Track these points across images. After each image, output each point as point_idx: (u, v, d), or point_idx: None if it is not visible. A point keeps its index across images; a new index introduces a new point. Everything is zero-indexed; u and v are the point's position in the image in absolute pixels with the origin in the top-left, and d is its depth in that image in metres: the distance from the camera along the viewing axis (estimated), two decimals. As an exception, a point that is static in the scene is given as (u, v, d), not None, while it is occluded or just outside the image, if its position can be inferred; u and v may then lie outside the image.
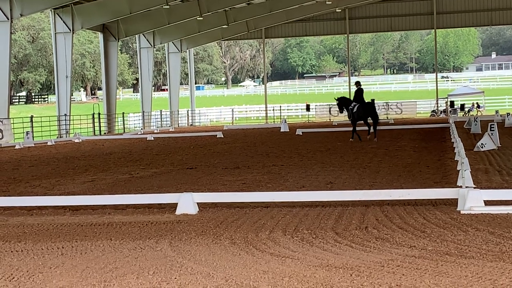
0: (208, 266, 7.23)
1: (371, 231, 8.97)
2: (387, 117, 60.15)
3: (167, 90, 71.96)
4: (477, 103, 69.29)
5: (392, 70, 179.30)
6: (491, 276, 6.46)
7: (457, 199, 10.45)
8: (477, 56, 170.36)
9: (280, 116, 65.33)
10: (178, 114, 63.99)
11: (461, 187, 11.31)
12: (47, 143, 36.04)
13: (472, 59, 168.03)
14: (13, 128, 38.55)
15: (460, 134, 26.83)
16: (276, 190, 13.08)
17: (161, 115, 61.83)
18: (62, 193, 13.96)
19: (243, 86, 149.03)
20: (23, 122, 40.29)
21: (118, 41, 53.26)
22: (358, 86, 28.60)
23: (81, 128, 48.77)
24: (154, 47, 59.24)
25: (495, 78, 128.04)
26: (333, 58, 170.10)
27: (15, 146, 33.68)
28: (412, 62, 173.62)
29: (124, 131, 51.48)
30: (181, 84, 75.27)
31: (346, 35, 67.50)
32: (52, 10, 45.16)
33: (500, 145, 22.36)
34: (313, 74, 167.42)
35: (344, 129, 29.39)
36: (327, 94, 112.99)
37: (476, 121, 32.69)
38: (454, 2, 62.57)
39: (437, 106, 66.55)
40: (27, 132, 37.39)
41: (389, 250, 7.76)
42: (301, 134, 35.51)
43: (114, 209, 11.52)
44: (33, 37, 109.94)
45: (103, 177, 17.30)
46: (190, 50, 67.65)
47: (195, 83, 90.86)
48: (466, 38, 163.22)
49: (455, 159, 17.80)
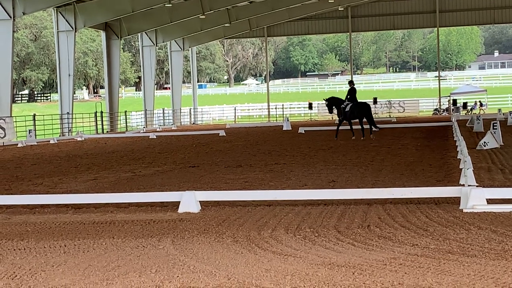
0: (210, 264, 7.23)
1: (373, 229, 8.97)
2: (390, 116, 60.15)
3: (169, 88, 71.98)
4: (479, 102, 69.23)
5: (394, 69, 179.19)
6: (494, 274, 6.45)
7: (459, 197, 10.44)
8: (479, 55, 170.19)
9: (283, 114, 65.31)
10: (181, 112, 64.00)
11: (463, 185, 11.31)
12: (49, 141, 36.06)
13: (474, 58, 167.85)
14: (16, 127, 38.59)
15: (463, 132, 26.81)
16: (278, 189, 13.08)
17: (164, 113, 61.83)
18: (64, 192, 13.96)
19: (246, 84, 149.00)
20: (25, 121, 40.33)
21: (121, 39, 53.29)
22: (351, 86, 29.21)
23: (83, 126, 48.79)
24: (156, 46, 59.27)
25: (497, 77, 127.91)
26: (335, 57, 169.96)
27: (17, 144, 33.71)
28: (415, 61, 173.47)
29: (127, 130, 51.49)
30: (184, 82, 75.41)
31: (348, 34, 67.53)
32: (55, 9, 45.18)
33: (502, 144, 22.34)
34: (316, 73, 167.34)
35: (347, 127, 29.38)
36: (329, 93, 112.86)
37: (479, 120, 32.67)
38: (456, 0, 62.54)
39: (440, 105, 66.48)
40: (29, 130, 37.43)
41: (392, 249, 7.75)
42: (304, 132, 35.50)
43: (116, 208, 11.53)
44: (35, 36, 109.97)
45: (106, 175, 17.31)
46: (192, 49, 67.67)
47: (198, 82, 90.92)
48: (468, 36, 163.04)
49: (458, 157, 17.79)
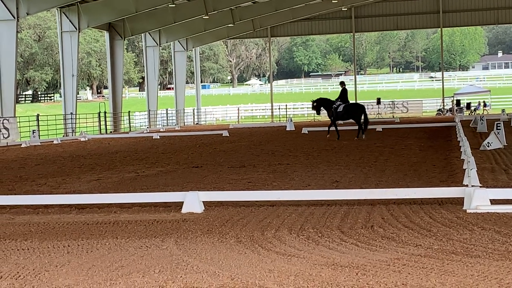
0: (214, 264, 7.23)
1: (377, 230, 8.96)
2: (393, 116, 60.12)
3: (173, 88, 72.05)
4: (483, 102, 69.15)
5: (398, 69, 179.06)
6: (497, 275, 6.45)
7: (463, 198, 10.43)
8: (483, 55, 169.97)
9: (286, 114, 65.26)
10: (184, 112, 64.02)
11: (467, 186, 11.30)
12: (53, 141, 36.09)
13: (478, 58, 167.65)
14: (19, 127, 38.63)
15: (466, 133, 26.79)
16: (282, 189, 13.08)
17: (167, 113, 61.86)
18: (68, 192, 13.98)
19: (249, 84, 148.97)
20: (29, 121, 40.37)
21: (124, 39, 53.32)
22: (343, 86, 29.61)
23: (87, 126, 48.84)
24: (160, 46, 59.28)
25: (501, 77, 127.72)
26: (339, 57, 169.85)
27: (21, 144, 33.74)
28: (418, 61, 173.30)
29: (130, 130, 51.53)
30: (187, 82, 75.31)
31: (352, 34, 67.44)
32: (59, 9, 45.22)
33: (506, 144, 22.32)
34: (319, 73, 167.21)
35: (350, 127, 29.39)
36: (333, 93, 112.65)
37: (482, 120, 32.63)
38: (460, 0, 62.49)
39: (443, 105, 66.42)
40: (33, 130, 37.46)
41: (395, 249, 7.75)
42: (307, 133, 35.49)
43: (120, 208, 11.53)
44: (39, 36, 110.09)
45: (109, 175, 17.32)
46: (196, 49, 67.67)
47: (201, 82, 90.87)
48: (472, 36, 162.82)
49: (461, 158, 17.78)
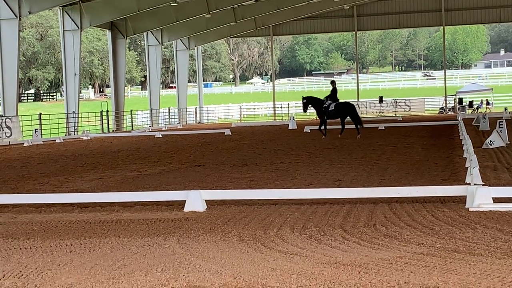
0: (216, 263, 7.23)
1: (379, 228, 8.96)
2: (396, 114, 60.11)
3: (175, 87, 71.99)
4: (485, 100, 69.10)
5: (400, 67, 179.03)
6: (500, 273, 6.44)
7: (465, 196, 10.43)
8: (485, 53, 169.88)
9: (288, 113, 65.24)
10: (186, 111, 64.03)
11: (469, 184, 11.29)
12: (55, 140, 36.10)
13: (480, 56, 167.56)
14: (22, 126, 38.66)
15: (469, 131, 26.77)
16: (284, 188, 13.08)
17: (169, 112, 61.88)
18: (70, 191, 13.99)
19: (251, 83, 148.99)
20: (31, 120, 40.39)
21: (126, 38, 53.32)
22: (334, 86, 30.04)
23: (89, 125, 48.84)
24: (162, 45, 59.30)
25: (503, 75, 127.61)
26: (341, 55, 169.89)
27: (23, 143, 33.77)
28: (421, 59, 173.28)
29: (132, 129, 51.54)
30: (189, 81, 75.40)
31: (354, 32, 67.47)
32: (61, 8, 45.23)
33: (508, 142, 22.30)
34: (321, 71, 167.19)
35: (353, 126, 29.38)
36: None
37: (485, 118, 32.61)
38: (462, -1, 62.47)
39: (446, 103, 66.38)
40: (35, 129, 37.48)
41: (398, 248, 7.75)
42: (309, 131, 35.47)
43: (122, 207, 11.54)
44: (41, 35, 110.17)
45: (112, 174, 17.33)
46: (198, 48, 67.68)
47: (203, 81, 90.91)
48: (474, 35, 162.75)
49: (464, 156, 17.77)
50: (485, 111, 59.08)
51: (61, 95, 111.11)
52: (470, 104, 65.43)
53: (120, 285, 6.44)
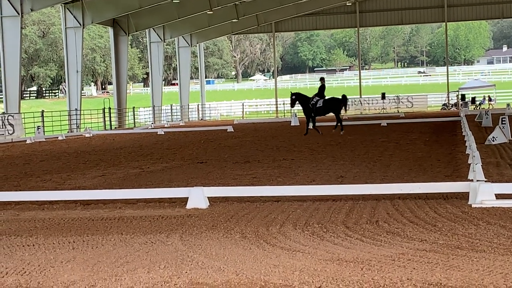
0: (218, 260, 7.24)
1: (381, 225, 8.96)
2: (398, 111, 60.08)
3: (177, 84, 72.02)
4: (488, 96, 69.03)
5: (402, 64, 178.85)
6: (502, 269, 6.44)
7: (468, 192, 10.42)
8: (488, 49, 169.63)
9: (291, 110, 65.15)
10: (189, 108, 64.03)
11: (472, 180, 11.27)
12: (58, 137, 36.13)
13: (483, 52, 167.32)
14: (24, 123, 38.69)
15: (471, 127, 26.75)
16: (286, 184, 13.08)
17: (172, 109, 61.88)
18: (73, 188, 14.00)
19: (253, 80, 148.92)
20: (34, 117, 40.42)
21: (128, 35, 53.32)
22: (322, 82, 30.51)
23: (91, 122, 48.86)
24: (164, 42, 59.28)
25: (506, 71, 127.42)
26: (343, 52, 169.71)
27: (26, 140, 33.79)
28: (423, 56, 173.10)
29: (135, 126, 51.56)
30: (191, 78, 75.38)
31: (356, 29, 67.37)
32: (63, 5, 45.23)
33: (511, 138, 22.27)
34: (324, 68, 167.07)
35: (355, 123, 29.39)
36: (337, 88, 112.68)
37: (487, 114, 32.58)
38: (464, -5, 62.39)
39: (448, 100, 66.34)
40: (38, 126, 37.49)
41: (400, 244, 7.75)
42: (312, 128, 35.41)
43: (125, 203, 11.54)
44: (43, 32, 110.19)
45: (114, 171, 17.34)
46: (200, 44, 67.66)
47: (205, 77, 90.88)
48: (477, 31, 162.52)
49: (466, 152, 17.75)
50: (488, 107, 59.01)
51: (61, 92, 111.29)
52: (473, 100, 65.37)
53: (123, 282, 6.45)
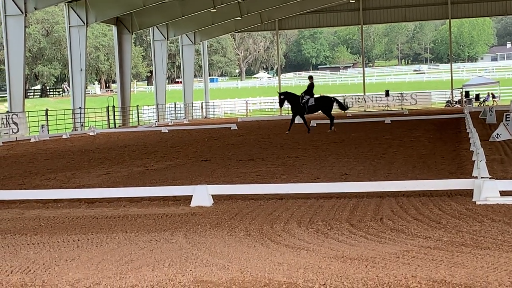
0: (223, 258, 7.24)
1: (386, 222, 8.96)
2: (402, 108, 60.03)
3: (181, 82, 72.00)
4: (492, 93, 68.93)
5: (406, 61, 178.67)
6: (507, 266, 6.43)
7: (472, 189, 10.41)
8: (492, 46, 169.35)
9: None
10: (192, 106, 64.05)
11: (476, 177, 11.26)
12: (62, 136, 36.18)
13: (487, 49, 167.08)
14: (28, 122, 38.75)
15: (475, 124, 26.72)
16: (290, 182, 13.08)
17: (175, 107, 61.90)
18: (77, 186, 14.01)
19: (257, 78, 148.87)
20: (38, 116, 40.47)
21: (132, 34, 53.36)
22: (311, 81, 30.83)
23: (95, 121, 48.92)
24: (168, 40, 59.31)
25: (510, 68, 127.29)
26: (347, 49, 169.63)
27: (30, 139, 33.84)
28: (427, 53, 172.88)
29: (139, 124, 51.60)
30: (195, 76, 75.34)
31: (360, 26, 67.31)
32: (66, 4, 45.28)
33: (515, 135, 22.22)
34: (327, 66, 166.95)
35: (360, 120, 29.39)
36: (341, 85, 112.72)
37: (492, 111, 32.53)
38: (468, -9, 62.29)
39: (452, 97, 66.26)
40: (42, 125, 37.55)
41: (404, 241, 7.74)
42: (315, 125, 35.43)
43: (129, 202, 11.55)
44: (47, 31, 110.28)
45: (118, 169, 17.35)
46: (203, 42, 67.66)
47: (209, 75, 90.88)
48: (481, 28, 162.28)
49: (470, 149, 17.74)
50: (492, 104, 58.95)
51: (64, 91, 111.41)
52: (477, 97, 65.28)
53: (127, 280, 6.46)
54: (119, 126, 48.76)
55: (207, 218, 9.80)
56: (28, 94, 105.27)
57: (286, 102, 30.73)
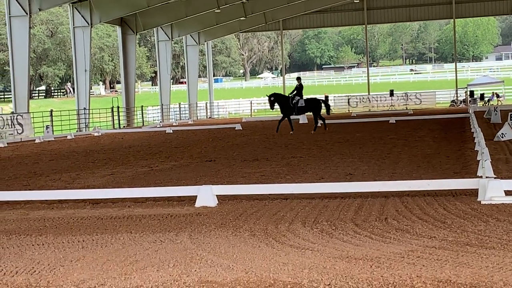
0: (228, 258, 7.24)
1: (391, 222, 8.95)
2: (406, 108, 59.98)
3: (185, 83, 72.06)
4: (496, 93, 68.82)
5: (411, 61, 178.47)
6: (512, 266, 6.42)
7: (477, 189, 10.39)
8: (496, 45, 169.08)
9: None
10: (197, 106, 64.06)
11: (481, 177, 11.24)
12: (66, 137, 36.22)
13: (491, 49, 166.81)
14: (33, 122, 38.81)
15: (480, 124, 26.69)
16: (295, 182, 13.07)
17: (180, 108, 61.93)
18: (82, 187, 14.03)
19: (261, 78, 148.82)
20: (42, 116, 40.51)
21: (136, 34, 53.39)
22: (299, 82, 31.27)
23: (100, 121, 48.96)
24: (172, 40, 59.32)
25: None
26: (351, 49, 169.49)
27: (35, 140, 33.89)
28: (431, 52, 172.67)
29: (143, 124, 51.64)
30: (200, 76, 75.34)
31: (364, 26, 67.27)
32: (71, 4, 45.33)
33: (520, 135, 22.18)
34: (332, 65, 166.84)
35: (364, 120, 29.37)
36: (345, 85, 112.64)
37: (496, 111, 32.48)
38: (473, -9, 62.21)
39: (457, 96, 66.18)
40: (47, 126, 37.59)
41: (409, 241, 7.73)
42: (320, 125, 35.39)
43: (134, 202, 11.56)
44: (52, 32, 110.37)
45: (123, 170, 17.37)
46: (208, 43, 67.67)
47: (213, 76, 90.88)
48: (485, 27, 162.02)
49: (475, 149, 17.71)
50: (497, 104, 58.85)
51: (68, 91, 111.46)
52: (482, 96, 65.18)
53: (132, 280, 6.46)
54: (124, 126, 48.80)
55: (211, 218, 9.80)
56: (33, 95, 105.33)
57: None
